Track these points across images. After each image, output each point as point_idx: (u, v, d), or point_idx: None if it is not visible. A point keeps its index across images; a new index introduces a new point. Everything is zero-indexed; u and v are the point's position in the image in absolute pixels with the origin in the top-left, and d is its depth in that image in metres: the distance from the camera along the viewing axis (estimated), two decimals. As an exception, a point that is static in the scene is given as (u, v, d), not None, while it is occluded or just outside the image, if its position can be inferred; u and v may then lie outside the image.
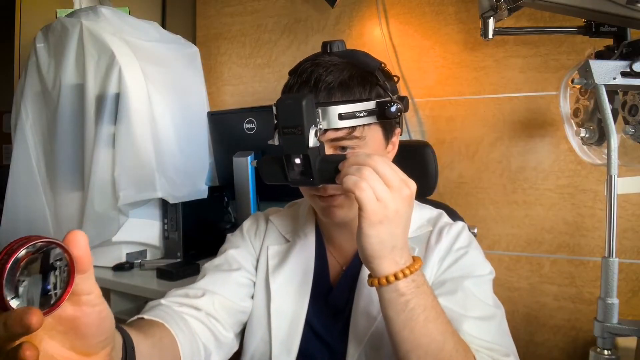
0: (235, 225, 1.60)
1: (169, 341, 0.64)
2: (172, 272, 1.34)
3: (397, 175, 0.55)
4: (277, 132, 0.63)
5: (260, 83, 1.86)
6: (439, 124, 1.52)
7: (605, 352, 0.80)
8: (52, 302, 0.36)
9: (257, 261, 0.82)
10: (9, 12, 1.64)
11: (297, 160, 0.62)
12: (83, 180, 1.39)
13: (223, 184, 1.68)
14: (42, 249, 0.35)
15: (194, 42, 1.94)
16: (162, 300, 0.72)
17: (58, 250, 0.36)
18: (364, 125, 0.65)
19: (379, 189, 0.53)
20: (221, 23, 1.93)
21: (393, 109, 0.64)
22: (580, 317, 1.37)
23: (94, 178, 1.34)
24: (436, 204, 0.93)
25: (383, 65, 0.71)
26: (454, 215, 1.09)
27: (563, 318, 1.39)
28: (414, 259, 0.58)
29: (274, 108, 0.62)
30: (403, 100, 0.69)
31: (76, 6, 1.57)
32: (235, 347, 0.78)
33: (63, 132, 1.40)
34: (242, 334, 0.80)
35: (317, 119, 0.62)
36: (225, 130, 1.63)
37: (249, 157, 1.49)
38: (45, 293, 0.36)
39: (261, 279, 0.80)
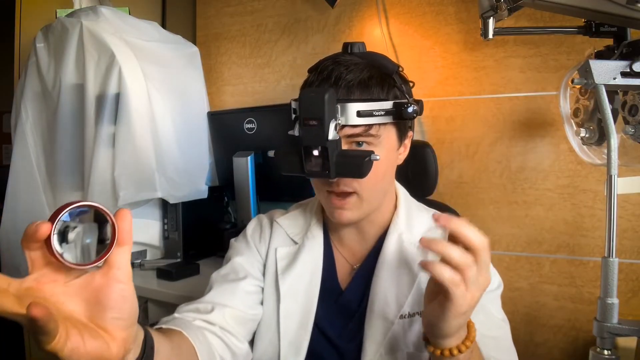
0: (235, 225, 1.60)
1: (187, 348, 0.64)
2: (172, 272, 1.34)
3: (489, 271, 0.53)
4: (297, 123, 0.65)
5: (260, 83, 1.86)
6: (439, 124, 1.52)
7: (605, 352, 0.79)
8: (104, 250, 0.40)
9: (264, 265, 0.82)
10: (9, 12, 1.64)
11: (315, 152, 0.64)
12: (83, 180, 1.39)
13: (223, 184, 1.68)
14: (90, 210, 0.39)
15: (194, 42, 1.93)
16: (176, 314, 0.73)
17: (105, 216, 0.39)
18: (380, 124, 0.67)
19: (472, 286, 0.51)
20: (221, 23, 1.93)
21: (410, 109, 0.66)
22: (580, 317, 1.37)
23: (94, 178, 1.34)
24: (436, 204, 0.93)
25: (401, 69, 0.73)
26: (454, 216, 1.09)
27: (563, 318, 1.39)
28: (469, 327, 0.57)
29: (293, 102, 0.66)
30: (418, 103, 0.70)
31: (76, 6, 1.57)
32: (250, 356, 0.77)
33: (63, 132, 1.40)
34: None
35: (337, 114, 0.64)
36: (225, 130, 1.63)
37: (249, 157, 1.49)
38: (101, 242, 0.40)
39: (270, 282, 0.79)
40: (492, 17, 0.90)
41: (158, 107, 1.42)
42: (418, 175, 0.84)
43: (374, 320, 0.72)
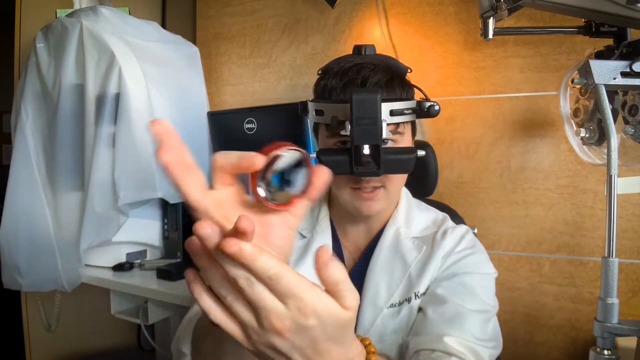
0: (235, 225, 1.60)
1: None
2: (172, 272, 1.34)
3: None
4: (347, 122, 0.67)
5: (260, 83, 1.86)
6: (439, 124, 1.52)
7: (605, 352, 0.79)
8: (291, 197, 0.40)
9: None
10: (9, 12, 1.64)
11: (366, 151, 0.66)
12: (83, 180, 1.39)
13: (223, 184, 1.68)
14: (289, 154, 0.39)
15: (194, 42, 1.93)
16: None
17: (305, 166, 0.40)
18: (405, 122, 0.72)
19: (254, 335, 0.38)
20: (221, 23, 1.93)
21: (436, 107, 0.70)
22: (580, 317, 1.37)
23: (94, 178, 1.33)
24: (436, 204, 0.94)
25: (409, 70, 0.77)
26: (454, 216, 1.09)
27: (563, 318, 1.39)
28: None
29: (316, 104, 0.70)
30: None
31: (76, 6, 1.57)
32: None
33: (63, 132, 1.40)
34: None
35: None
36: (225, 130, 1.62)
37: (249, 157, 1.49)
38: (287, 186, 0.40)
39: None
40: (492, 17, 0.90)
41: (158, 107, 1.42)
42: (418, 175, 0.85)
43: (365, 310, 0.74)
